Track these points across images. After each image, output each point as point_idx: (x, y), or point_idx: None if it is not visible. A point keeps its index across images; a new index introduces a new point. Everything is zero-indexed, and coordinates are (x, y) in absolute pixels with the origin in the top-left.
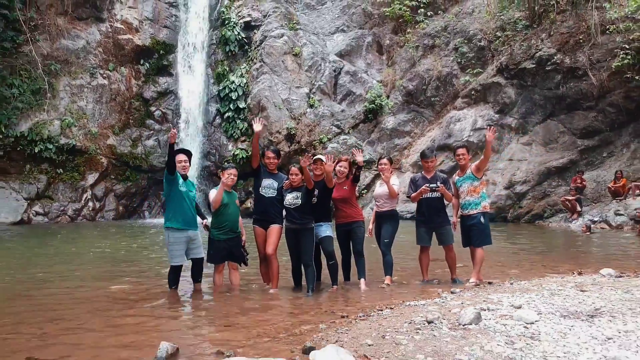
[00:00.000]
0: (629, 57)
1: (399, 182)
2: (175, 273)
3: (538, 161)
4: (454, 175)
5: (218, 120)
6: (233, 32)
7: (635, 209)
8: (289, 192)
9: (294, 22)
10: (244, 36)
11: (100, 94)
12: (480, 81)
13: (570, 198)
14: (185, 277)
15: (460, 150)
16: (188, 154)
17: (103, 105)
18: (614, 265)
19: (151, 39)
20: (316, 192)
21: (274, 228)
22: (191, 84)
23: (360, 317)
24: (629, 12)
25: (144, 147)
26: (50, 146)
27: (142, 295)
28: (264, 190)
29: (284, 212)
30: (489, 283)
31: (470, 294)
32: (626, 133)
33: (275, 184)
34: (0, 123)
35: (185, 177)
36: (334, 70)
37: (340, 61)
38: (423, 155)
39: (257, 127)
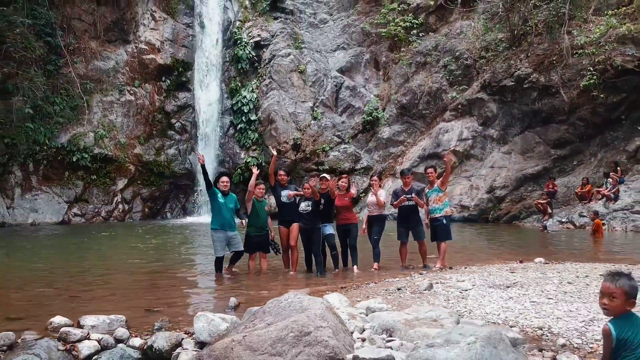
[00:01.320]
0: (595, 77)
1: (385, 194)
2: (219, 262)
3: (516, 168)
4: (425, 188)
5: (231, 131)
6: (244, 51)
7: (595, 211)
8: (302, 201)
9: (299, 41)
10: (254, 54)
11: (128, 108)
12: (466, 96)
13: (542, 202)
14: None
15: (429, 170)
16: (229, 175)
17: (130, 118)
18: (551, 256)
19: (171, 57)
20: (322, 201)
21: (295, 226)
22: (207, 98)
23: (353, 287)
24: (594, 39)
25: (166, 155)
26: (86, 155)
27: (207, 275)
28: (284, 199)
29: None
30: (450, 268)
31: (433, 275)
32: (594, 144)
33: (284, 194)
34: (45, 136)
35: (226, 193)
36: (335, 85)
37: (341, 77)
38: (402, 173)
39: (273, 152)
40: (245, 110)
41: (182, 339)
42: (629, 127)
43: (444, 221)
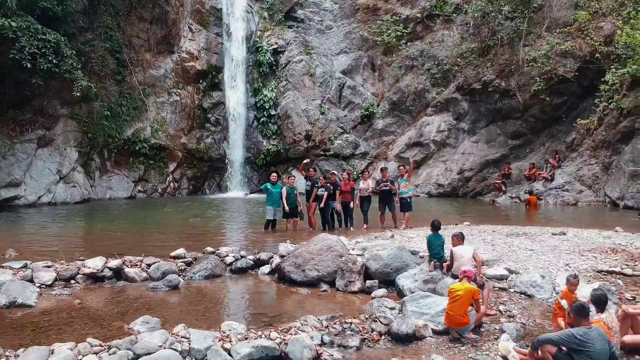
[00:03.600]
0: (543, 84)
1: (371, 182)
2: (268, 223)
3: (481, 155)
4: (397, 178)
5: (255, 123)
6: (265, 57)
7: (531, 189)
8: (319, 188)
9: (309, 47)
10: (272, 60)
11: (175, 106)
12: (444, 96)
13: (497, 181)
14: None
15: (401, 167)
16: (277, 172)
17: (177, 114)
18: (481, 220)
19: (206, 64)
20: (331, 188)
21: (313, 204)
22: (235, 96)
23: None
24: (543, 53)
25: (205, 143)
26: (145, 145)
27: (260, 232)
28: (308, 187)
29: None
30: (410, 228)
31: (398, 231)
32: (542, 136)
33: (311, 183)
34: (116, 131)
35: (274, 183)
36: (339, 85)
37: (344, 77)
38: (382, 169)
39: (306, 160)
40: (267, 107)
41: (273, 254)
42: (569, 123)
43: (408, 200)
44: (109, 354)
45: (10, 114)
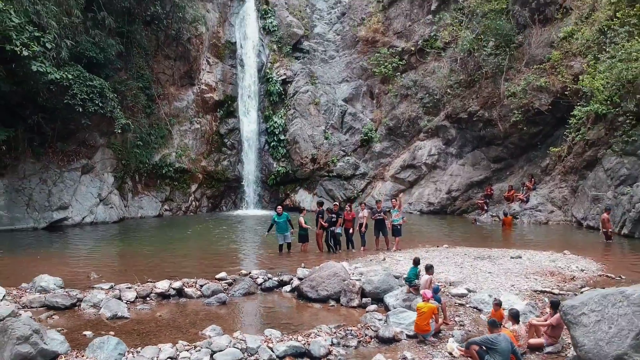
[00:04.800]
0: (520, 115)
1: (367, 212)
2: (280, 247)
3: (467, 176)
4: (390, 209)
5: (266, 147)
6: (275, 87)
7: (507, 210)
8: (327, 215)
9: (314, 77)
10: (281, 89)
11: (196, 133)
12: (434, 123)
13: (480, 201)
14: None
15: (393, 200)
16: (282, 205)
17: (197, 140)
18: (461, 241)
19: (223, 94)
20: (334, 216)
21: (320, 231)
22: (248, 123)
23: (351, 258)
24: (521, 88)
25: (222, 165)
26: (171, 169)
27: (276, 253)
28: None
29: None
30: (400, 250)
31: (389, 254)
32: (521, 160)
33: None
34: (145, 157)
35: (280, 214)
36: (341, 112)
37: (345, 105)
38: (377, 201)
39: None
40: (277, 132)
41: (293, 276)
42: (544, 150)
43: (399, 227)
44: (196, 351)
45: (59, 146)
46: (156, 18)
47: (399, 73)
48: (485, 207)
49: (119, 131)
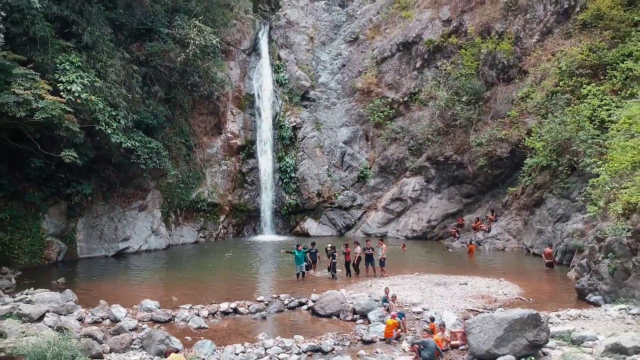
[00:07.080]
0: (485, 160)
1: (360, 249)
2: (298, 273)
3: (444, 209)
4: (376, 246)
5: (280, 183)
6: (286, 132)
7: (472, 239)
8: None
9: (319, 123)
10: (292, 134)
11: (223, 174)
12: (417, 164)
13: (453, 230)
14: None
15: (379, 242)
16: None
17: (224, 179)
18: (432, 268)
19: (244, 140)
20: (334, 253)
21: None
22: (265, 163)
23: (346, 284)
24: (486, 139)
25: (244, 199)
26: (204, 203)
27: (292, 278)
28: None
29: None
30: (386, 276)
31: (375, 280)
32: (487, 196)
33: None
34: (185, 195)
35: (299, 250)
36: (342, 153)
37: (345, 146)
38: (366, 240)
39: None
40: (288, 171)
41: (308, 299)
42: (504, 188)
43: (383, 259)
44: (255, 348)
45: (121, 190)
46: (194, 85)
47: (389, 121)
48: (457, 235)
49: (170, 180)
